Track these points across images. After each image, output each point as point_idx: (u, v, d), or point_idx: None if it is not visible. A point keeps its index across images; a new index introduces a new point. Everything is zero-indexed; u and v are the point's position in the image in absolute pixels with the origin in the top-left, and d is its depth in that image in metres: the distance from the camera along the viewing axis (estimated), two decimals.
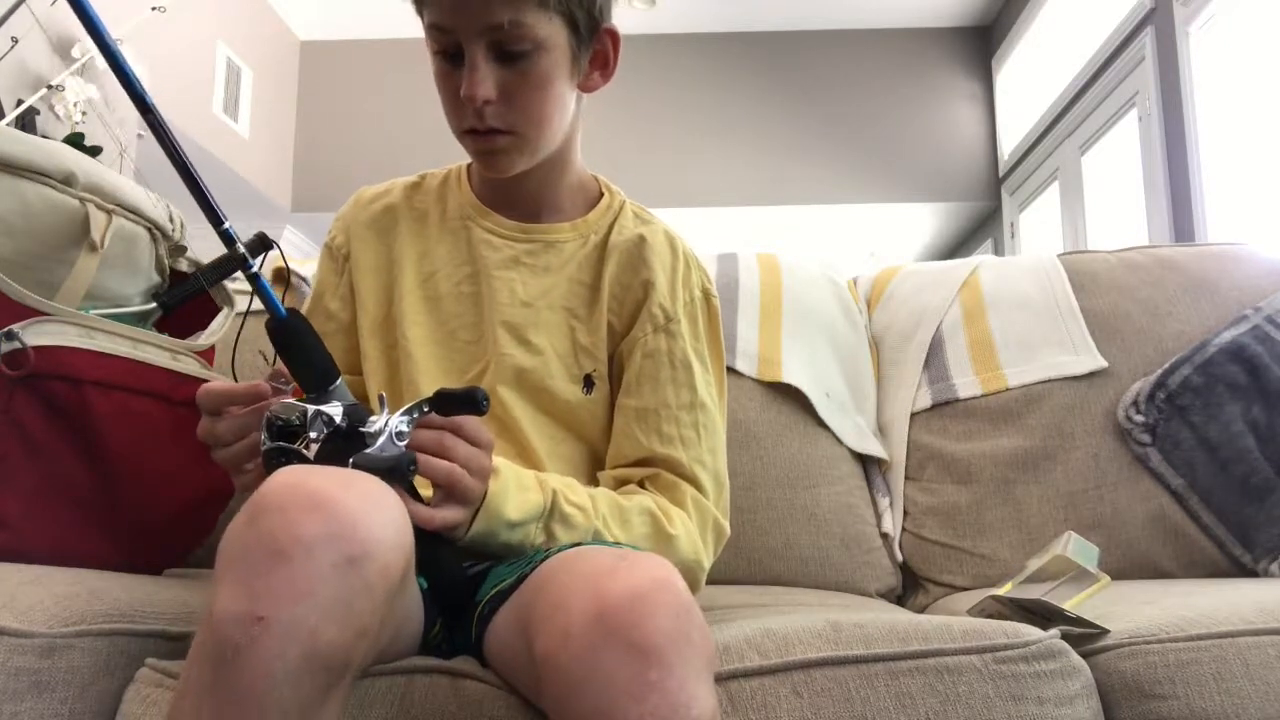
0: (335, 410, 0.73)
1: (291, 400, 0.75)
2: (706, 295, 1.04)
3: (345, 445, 0.72)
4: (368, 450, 0.72)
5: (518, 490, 0.84)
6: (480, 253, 1.01)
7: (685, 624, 0.63)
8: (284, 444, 0.73)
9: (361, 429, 0.73)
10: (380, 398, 0.76)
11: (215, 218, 0.76)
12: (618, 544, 0.87)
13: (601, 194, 1.06)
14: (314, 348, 0.77)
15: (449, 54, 0.91)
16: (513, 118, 0.91)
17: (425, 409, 0.76)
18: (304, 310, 1.01)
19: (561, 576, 0.71)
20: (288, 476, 0.64)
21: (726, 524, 1.00)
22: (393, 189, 1.08)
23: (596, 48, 0.95)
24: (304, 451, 0.73)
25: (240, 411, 0.81)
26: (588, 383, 0.99)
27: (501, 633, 0.79)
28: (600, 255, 1.01)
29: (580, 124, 1.01)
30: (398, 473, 0.72)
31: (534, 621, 0.69)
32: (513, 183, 0.99)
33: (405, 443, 0.74)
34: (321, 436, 0.73)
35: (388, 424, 0.73)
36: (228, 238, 0.76)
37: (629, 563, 0.67)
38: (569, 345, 0.99)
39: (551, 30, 0.89)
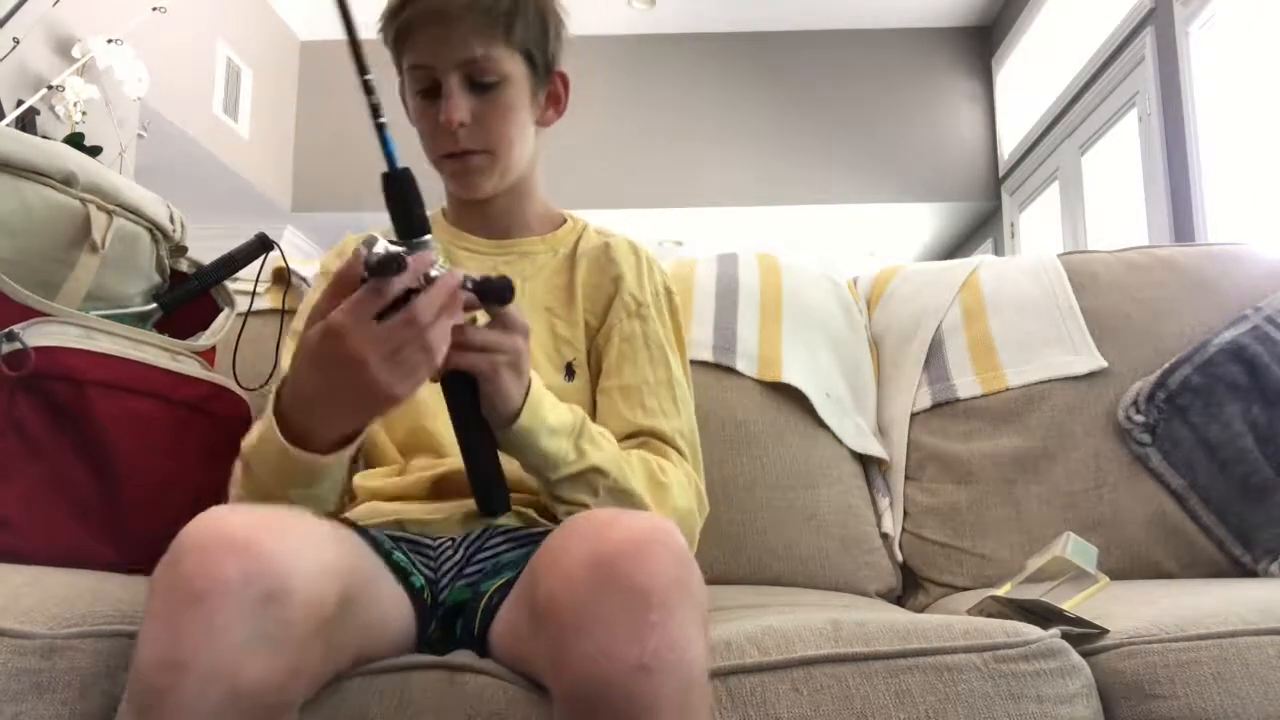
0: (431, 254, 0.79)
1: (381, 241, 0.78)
2: (669, 291, 1.15)
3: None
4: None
5: (550, 401, 0.89)
6: (461, 264, 1.09)
7: (685, 572, 0.65)
8: (390, 248, 0.75)
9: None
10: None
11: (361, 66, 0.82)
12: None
13: (565, 220, 1.17)
14: (418, 201, 0.82)
15: (428, 93, 1.02)
16: (484, 138, 1.02)
17: (469, 285, 0.81)
18: (298, 334, 1.01)
19: (564, 532, 0.72)
20: (208, 518, 0.66)
21: (705, 498, 1.04)
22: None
23: (550, 88, 1.09)
24: (407, 257, 0.75)
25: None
26: (569, 371, 1.06)
27: (507, 612, 0.80)
28: (570, 263, 1.12)
29: (540, 157, 1.12)
30: (508, 292, 0.81)
31: (537, 575, 0.70)
32: (484, 205, 1.10)
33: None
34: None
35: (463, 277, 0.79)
36: (368, 88, 0.84)
37: (629, 514, 0.70)
38: (549, 337, 1.07)
39: (514, 66, 1.03)
